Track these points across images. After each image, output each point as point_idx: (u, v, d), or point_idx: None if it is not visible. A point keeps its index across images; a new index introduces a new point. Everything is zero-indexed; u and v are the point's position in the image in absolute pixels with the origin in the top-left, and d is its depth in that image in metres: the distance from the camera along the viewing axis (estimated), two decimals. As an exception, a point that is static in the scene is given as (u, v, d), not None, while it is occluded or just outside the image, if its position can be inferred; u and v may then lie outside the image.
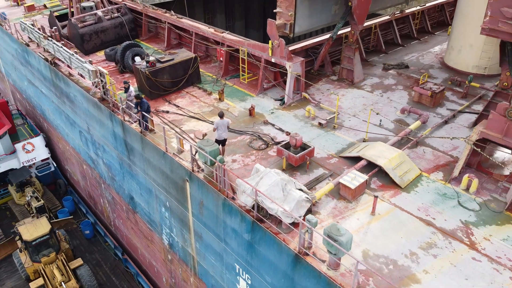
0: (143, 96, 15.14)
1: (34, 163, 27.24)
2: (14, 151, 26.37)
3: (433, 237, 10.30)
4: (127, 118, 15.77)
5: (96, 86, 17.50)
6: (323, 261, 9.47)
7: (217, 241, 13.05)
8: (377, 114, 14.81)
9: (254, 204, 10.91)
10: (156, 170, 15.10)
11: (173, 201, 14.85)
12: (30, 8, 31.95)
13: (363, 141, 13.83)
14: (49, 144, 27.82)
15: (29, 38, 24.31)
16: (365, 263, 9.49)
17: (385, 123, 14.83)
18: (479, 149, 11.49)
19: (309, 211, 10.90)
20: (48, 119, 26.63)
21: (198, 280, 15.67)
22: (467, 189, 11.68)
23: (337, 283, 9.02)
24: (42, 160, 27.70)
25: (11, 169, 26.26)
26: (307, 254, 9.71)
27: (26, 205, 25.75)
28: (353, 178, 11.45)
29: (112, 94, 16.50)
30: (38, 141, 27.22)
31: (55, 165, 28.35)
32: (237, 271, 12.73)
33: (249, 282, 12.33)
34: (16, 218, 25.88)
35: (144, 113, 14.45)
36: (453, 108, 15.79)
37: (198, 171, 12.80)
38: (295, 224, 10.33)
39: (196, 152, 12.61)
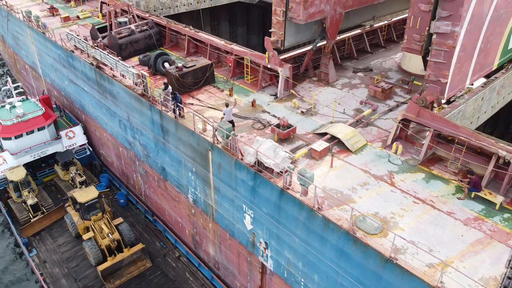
0: (176, 92, 21.26)
1: (74, 148, 33.35)
2: (59, 137, 32.59)
3: (368, 180, 16.45)
4: (164, 108, 21.87)
5: (137, 85, 23.61)
6: (298, 192, 15.60)
7: (230, 190, 19.18)
8: (339, 104, 20.96)
9: (255, 161, 17.03)
10: (186, 145, 21.22)
11: (198, 166, 20.97)
12: (66, 19, 37.92)
13: (330, 123, 19.94)
14: (86, 133, 33.92)
15: (75, 46, 30.36)
16: (323, 193, 15.61)
17: (347, 111, 20.96)
18: (400, 125, 17.62)
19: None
20: (87, 111, 32.70)
21: (216, 224, 21.82)
22: (395, 152, 17.80)
23: (306, 203, 15.15)
24: (80, 146, 33.79)
25: (56, 152, 32.47)
26: (288, 189, 15.84)
27: (70, 181, 31.87)
28: (320, 145, 17.59)
29: (151, 91, 22.60)
30: (78, 130, 33.43)
31: (91, 149, 34.42)
32: (244, 209, 18.87)
33: (252, 216, 18.49)
34: (61, 191, 31.98)
35: (178, 104, 20.56)
36: (398, 100, 21.91)
37: (217, 143, 18.90)
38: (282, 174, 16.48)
39: (216, 129, 18.71)
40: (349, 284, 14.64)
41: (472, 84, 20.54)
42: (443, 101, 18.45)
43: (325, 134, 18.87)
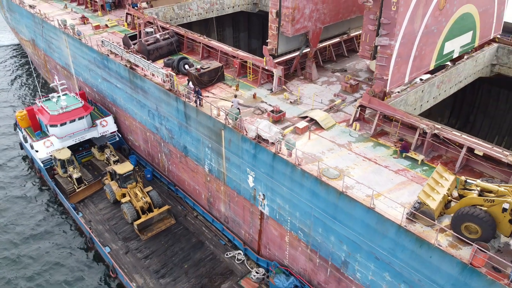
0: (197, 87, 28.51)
1: (106, 134, 40.57)
2: (95, 126, 39.84)
3: (333, 147, 23.67)
4: (187, 99, 29.07)
5: (165, 82, 30.82)
6: (284, 155, 22.84)
7: (238, 158, 26.41)
8: (317, 96, 28.22)
9: (256, 135, 24.25)
10: (204, 127, 28.44)
11: (213, 143, 28.20)
12: (97, 27, 45.13)
13: (311, 109, 27.14)
14: (116, 122, 41.14)
15: (110, 50, 37.52)
16: (302, 155, 22.81)
17: (324, 101, 28.20)
18: (359, 110, 24.86)
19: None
20: (118, 104, 39.94)
21: (226, 186, 29.07)
22: (355, 129, 25.01)
23: (290, 161, 22.38)
24: (111, 132, 41.03)
25: (93, 137, 39.71)
26: (279, 153, 23.08)
27: (105, 160, 39.16)
28: (302, 124, 24.84)
29: (177, 87, 29.83)
30: (110, 119, 40.66)
31: (120, 136, 41.65)
32: (247, 172, 26.11)
33: (254, 176, 25.74)
34: (97, 169, 39.20)
35: (199, 96, 27.78)
36: (363, 93, 29.07)
37: (228, 124, 26.09)
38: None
39: (227, 114, 25.91)
40: (318, 214, 21.91)
41: (422, 79, 27.90)
42: (396, 91, 25.68)
43: (306, 117, 26.10)
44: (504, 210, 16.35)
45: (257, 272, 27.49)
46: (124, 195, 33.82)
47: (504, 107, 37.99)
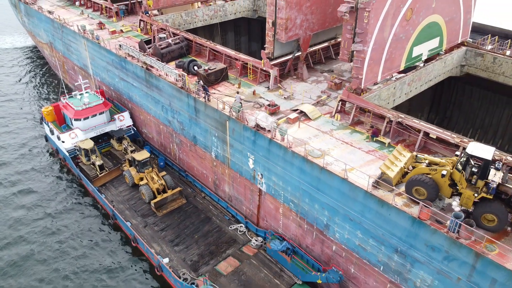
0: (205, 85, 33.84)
1: (123, 127, 45.90)
2: (113, 120, 45.16)
3: (318, 133, 28.93)
4: (196, 96, 34.36)
5: (177, 81, 36.10)
6: (278, 140, 28.13)
7: (240, 144, 31.70)
8: (306, 92, 33.52)
9: (255, 124, 29.54)
10: (211, 119, 33.73)
11: (219, 132, 33.49)
12: (113, 32, 50.43)
13: (301, 104, 32.42)
14: (131, 117, 46.46)
15: (127, 53, 42.81)
16: (293, 139, 28.07)
17: (312, 97, 33.50)
18: (340, 103, 30.16)
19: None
20: (134, 101, 45.26)
21: (230, 169, 34.37)
22: (336, 119, 30.29)
23: (283, 145, 27.67)
24: (127, 126, 46.36)
25: (111, 130, 45.06)
26: (273, 138, 28.37)
27: (123, 150, 44.50)
28: (293, 115, 30.14)
29: (188, 85, 35.13)
30: (126, 114, 46.00)
31: (135, 129, 46.96)
32: (248, 156, 31.42)
33: (253, 159, 31.05)
34: (116, 158, 44.55)
35: (207, 92, 33.09)
36: (346, 90, 34.35)
37: (232, 115, 31.38)
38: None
39: (231, 107, 31.20)
40: (305, 186, 27.20)
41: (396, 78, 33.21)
42: (373, 87, 30.93)
43: (297, 109, 31.39)
44: (443, 175, 21.62)
45: (256, 240, 32.82)
46: (141, 179, 39.14)
47: (476, 104, 43.20)
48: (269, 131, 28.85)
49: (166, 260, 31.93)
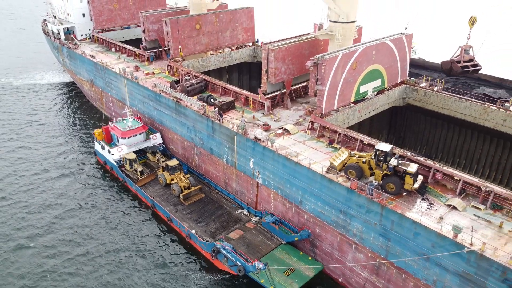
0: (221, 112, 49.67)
1: (155, 145, 61.35)
2: (148, 139, 60.75)
3: (295, 142, 44.29)
4: (214, 119, 49.98)
5: (200, 110, 51.85)
6: (270, 147, 43.51)
7: (244, 151, 47.06)
8: (289, 117, 49.21)
9: (254, 137, 44.97)
10: (224, 134, 49.22)
11: (229, 143, 48.90)
12: (147, 74, 66.72)
13: (286, 124, 47.92)
14: (162, 137, 62.01)
15: (161, 90, 58.80)
16: (279, 146, 43.39)
17: (293, 119, 49.11)
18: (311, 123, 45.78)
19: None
20: (164, 124, 60.97)
21: (237, 170, 49.56)
22: (307, 133, 45.73)
23: (272, 149, 43.00)
24: (158, 144, 61.83)
25: (147, 146, 60.56)
26: (267, 145, 43.73)
27: (156, 161, 59.77)
28: (279, 132, 45.64)
29: (208, 112, 50.86)
30: (158, 135, 61.68)
31: (164, 146, 62.39)
32: (249, 159, 46.73)
33: (253, 160, 46.36)
34: (150, 167, 59.71)
35: (221, 117, 48.78)
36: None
37: (238, 132, 46.84)
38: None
39: (238, 126, 46.76)
40: (286, 176, 42.30)
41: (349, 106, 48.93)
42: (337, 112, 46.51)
43: (282, 127, 46.91)
44: (363, 162, 36.82)
45: (255, 219, 47.57)
46: (172, 180, 54.24)
47: (422, 127, 58.67)
48: (263, 141, 44.20)
49: (193, 231, 46.60)
